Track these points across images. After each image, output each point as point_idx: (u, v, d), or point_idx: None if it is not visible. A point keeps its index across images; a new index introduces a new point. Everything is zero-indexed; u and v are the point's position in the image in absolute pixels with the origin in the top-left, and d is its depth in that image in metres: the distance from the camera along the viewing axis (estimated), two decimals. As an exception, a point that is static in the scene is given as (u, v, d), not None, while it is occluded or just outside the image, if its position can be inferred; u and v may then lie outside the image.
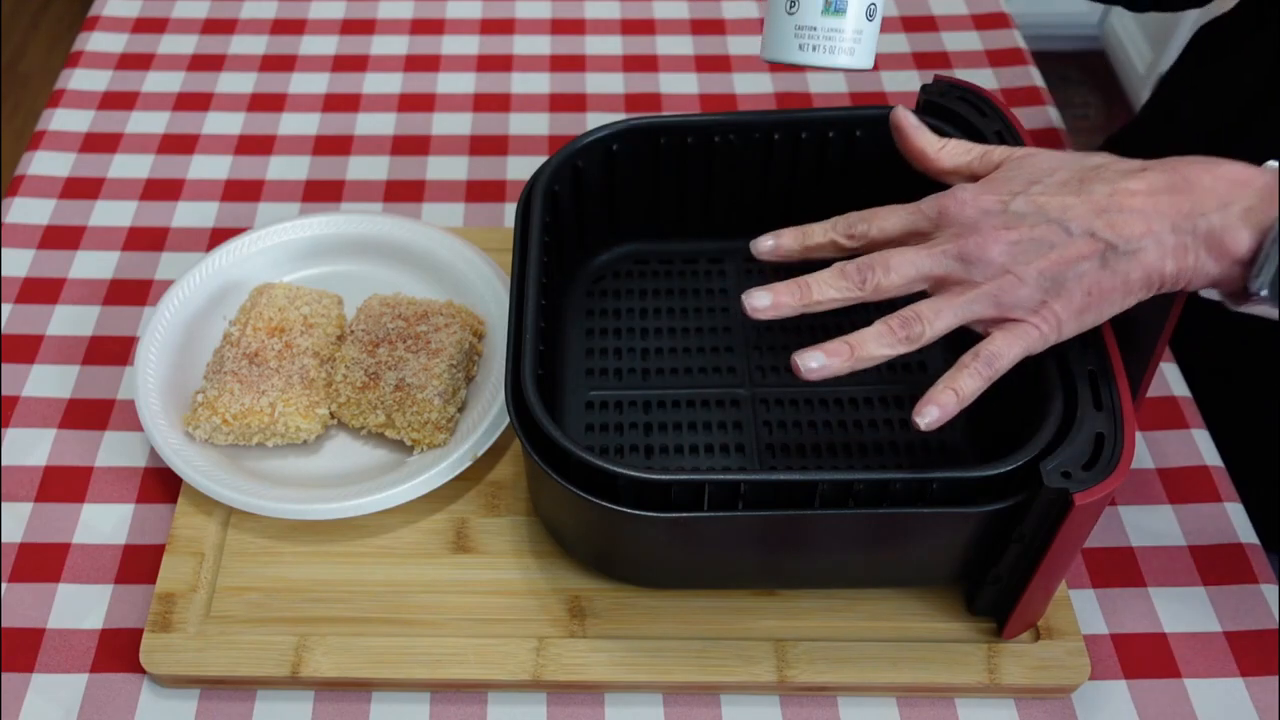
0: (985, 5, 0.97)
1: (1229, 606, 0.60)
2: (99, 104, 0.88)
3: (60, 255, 0.77)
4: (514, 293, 0.57)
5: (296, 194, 0.81)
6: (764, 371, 0.64)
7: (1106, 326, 0.52)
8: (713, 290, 0.68)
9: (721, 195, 0.67)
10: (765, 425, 0.62)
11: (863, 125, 0.64)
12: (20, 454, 0.66)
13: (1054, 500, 0.48)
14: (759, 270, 0.68)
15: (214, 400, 0.61)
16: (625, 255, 0.70)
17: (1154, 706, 0.56)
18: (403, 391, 0.61)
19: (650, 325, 0.67)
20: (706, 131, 0.64)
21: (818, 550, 0.55)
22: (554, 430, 0.51)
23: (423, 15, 0.96)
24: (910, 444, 0.61)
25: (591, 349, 0.66)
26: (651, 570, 0.58)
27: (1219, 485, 0.65)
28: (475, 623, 0.58)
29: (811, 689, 0.56)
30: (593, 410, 0.63)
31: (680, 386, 0.64)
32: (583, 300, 0.68)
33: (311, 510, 0.59)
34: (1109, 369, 0.51)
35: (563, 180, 0.63)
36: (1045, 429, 0.50)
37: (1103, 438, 0.49)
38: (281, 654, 0.56)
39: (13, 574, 0.61)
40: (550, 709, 0.56)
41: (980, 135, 0.60)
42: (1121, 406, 0.50)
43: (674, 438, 0.61)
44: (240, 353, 0.64)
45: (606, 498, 0.50)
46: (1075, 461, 0.48)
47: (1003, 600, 0.55)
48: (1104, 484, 0.47)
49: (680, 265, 0.69)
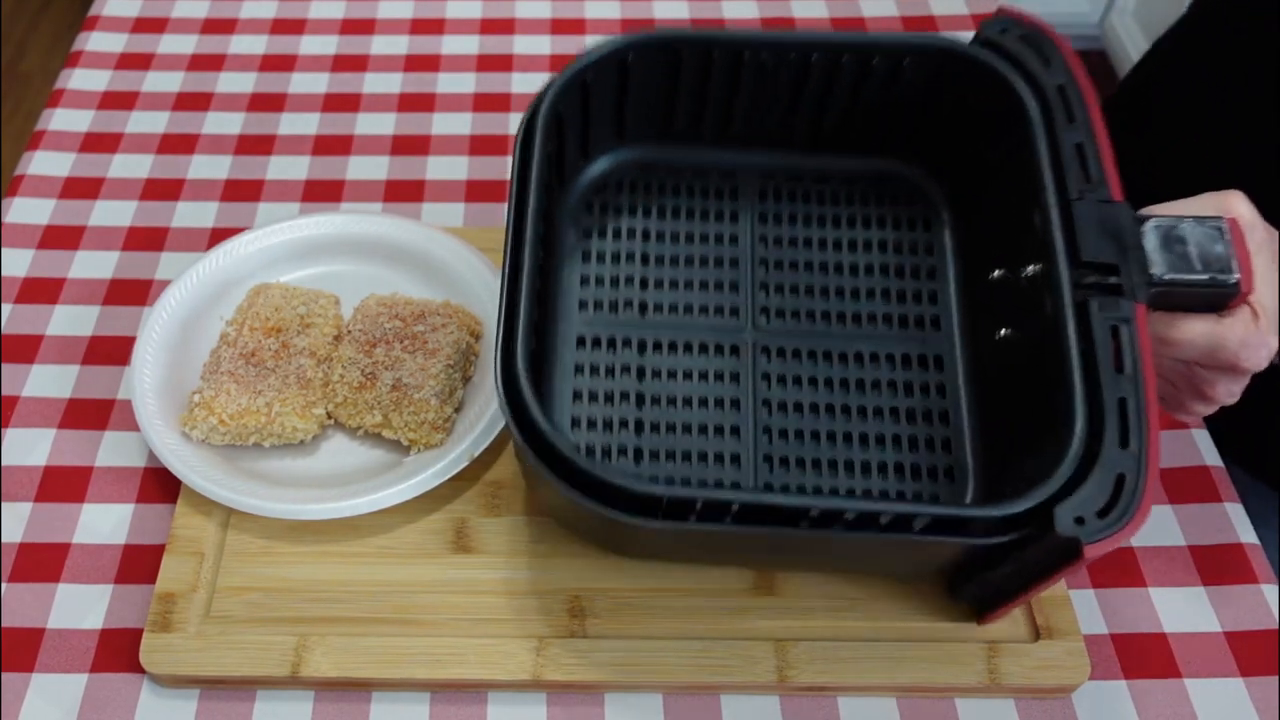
0: (985, 6, 0.97)
1: (1229, 606, 0.60)
2: (99, 104, 0.88)
3: (60, 255, 0.77)
4: (507, 258, 0.51)
5: (296, 194, 0.81)
6: (768, 315, 0.59)
7: (1147, 347, 0.48)
8: (722, 213, 0.62)
9: (744, 105, 0.60)
10: (764, 379, 0.58)
11: (912, 54, 0.57)
12: (20, 454, 0.66)
13: (1061, 546, 0.45)
14: (774, 190, 0.62)
15: (210, 400, 0.61)
16: (630, 163, 0.63)
17: (1154, 706, 0.56)
18: (399, 391, 0.61)
19: (651, 251, 0.61)
20: (734, 47, 0.57)
21: (808, 552, 0.55)
22: (544, 423, 0.47)
23: (423, 15, 0.96)
24: (912, 411, 0.57)
25: (587, 276, 0.60)
26: (646, 549, 0.56)
27: (1219, 485, 0.65)
28: (475, 623, 0.58)
29: (811, 689, 0.56)
30: (584, 348, 0.58)
31: (679, 327, 0.59)
32: (581, 214, 0.62)
33: (309, 510, 0.59)
34: (1141, 399, 0.47)
35: (570, 100, 0.57)
36: (1062, 470, 0.46)
37: (1123, 481, 0.45)
38: (281, 654, 0.56)
39: (13, 574, 0.61)
40: (550, 709, 0.56)
41: (1040, 90, 0.54)
42: (1148, 448, 0.46)
43: (668, 387, 0.57)
44: (237, 353, 0.64)
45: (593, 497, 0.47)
46: (1091, 506, 0.45)
47: (987, 599, 0.54)
48: (1118, 534, 0.44)
49: (690, 179, 0.63)
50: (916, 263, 0.61)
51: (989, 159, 0.58)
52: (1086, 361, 0.48)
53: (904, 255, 0.61)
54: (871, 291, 0.60)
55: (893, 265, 0.61)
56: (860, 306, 0.59)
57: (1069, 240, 0.50)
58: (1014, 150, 0.54)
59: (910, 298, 0.59)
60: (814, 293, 0.60)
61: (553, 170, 0.58)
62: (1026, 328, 0.54)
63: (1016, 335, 0.55)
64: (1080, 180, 0.52)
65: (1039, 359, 0.51)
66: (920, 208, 0.62)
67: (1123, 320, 0.49)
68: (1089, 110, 0.53)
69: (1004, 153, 0.56)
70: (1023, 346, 0.54)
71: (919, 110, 0.59)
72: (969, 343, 0.59)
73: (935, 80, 0.55)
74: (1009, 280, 0.56)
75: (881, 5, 0.96)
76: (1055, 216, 0.51)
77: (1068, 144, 0.52)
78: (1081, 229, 0.50)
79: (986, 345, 0.57)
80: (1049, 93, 0.54)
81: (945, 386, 0.58)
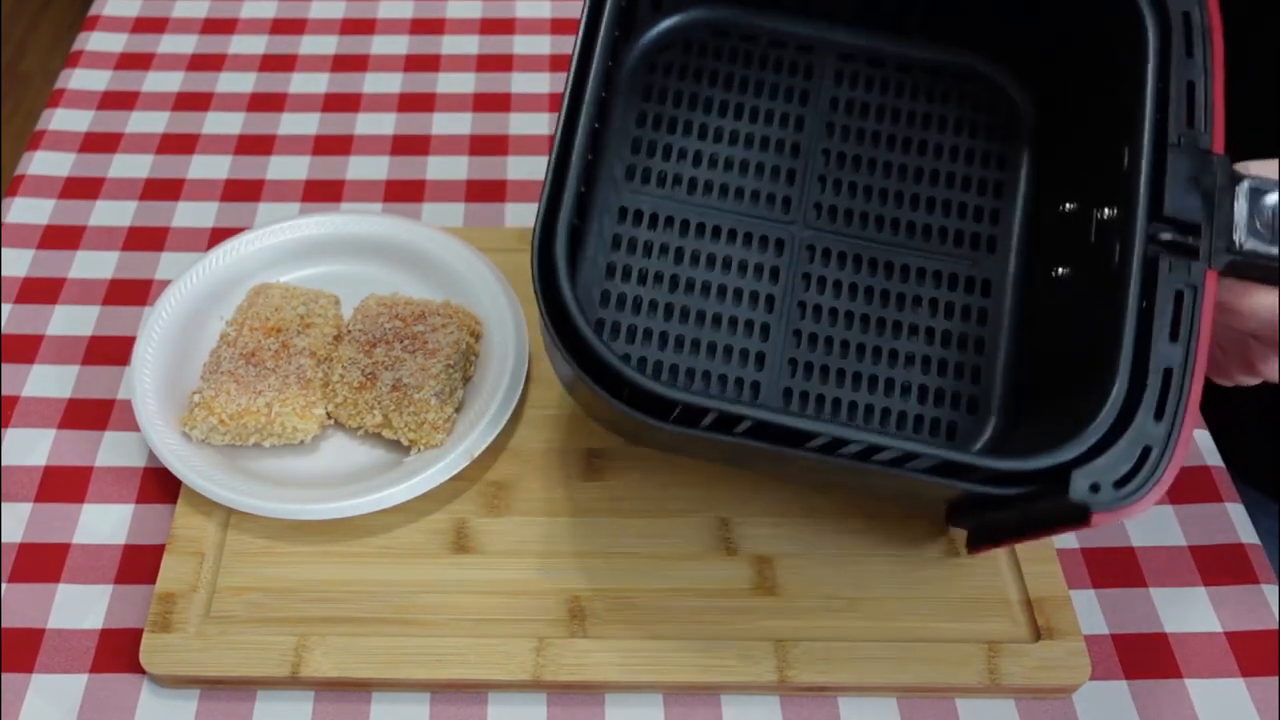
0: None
1: (1229, 606, 0.60)
2: (99, 104, 0.88)
3: (60, 255, 0.77)
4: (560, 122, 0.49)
5: (296, 194, 0.81)
6: (820, 211, 0.57)
7: (1210, 319, 0.45)
8: (792, 92, 0.59)
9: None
10: (804, 279, 0.55)
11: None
12: (20, 454, 0.66)
13: (1070, 509, 0.43)
14: (851, 75, 0.59)
15: (210, 400, 0.61)
16: (703, 22, 0.59)
17: (1154, 706, 0.56)
18: (400, 392, 0.61)
19: (711, 123, 0.58)
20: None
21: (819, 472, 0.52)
22: (572, 303, 0.46)
23: (423, 15, 0.96)
24: (949, 334, 0.54)
25: (639, 140, 0.57)
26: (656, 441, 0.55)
27: (1219, 485, 0.65)
28: (475, 623, 0.58)
29: (812, 689, 0.56)
30: (625, 221, 0.56)
31: (726, 210, 0.56)
32: (642, 73, 0.58)
33: (309, 510, 0.59)
34: (1189, 371, 0.44)
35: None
36: (1088, 434, 0.44)
37: (1148, 455, 0.43)
38: (281, 654, 0.56)
39: (13, 574, 0.61)
40: (550, 709, 0.56)
41: (1164, 13, 0.50)
42: (1182, 426, 0.44)
43: (704, 274, 0.55)
44: (237, 353, 0.64)
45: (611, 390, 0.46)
46: (1109, 474, 0.43)
47: (980, 536, 0.52)
48: (1129, 508, 0.43)
49: (764, 48, 0.59)
50: (985, 176, 0.58)
51: (1089, 75, 0.54)
52: (1142, 322, 0.45)
53: (974, 166, 0.58)
54: (933, 201, 0.57)
55: (960, 176, 0.58)
56: (918, 216, 0.57)
57: (1155, 188, 0.47)
58: (1119, 74, 0.50)
59: (972, 213, 0.57)
60: (873, 195, 0.57)
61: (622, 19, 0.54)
62: (1087, 271, 0.51)
63: (1074, 276, 0.52)
64: (1183, 123, 0.48)
65: (1092, 307, 0.48)
66: (1002, 116, 0.59)
67: (1190, 287, 0.46)
68: (1212, 47, 0.49)
69: (1107, 72, 0.52)
70: (1078, 289, 0.51)
71: (1025, 10, 0.55)
72: (1022, 273, 0.56)
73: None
74: (1080, 216, 0.53)
75: None
76: (1146, 160, 0.47)
77: (1179, 80, 0.48)
78: (1172, 179, 0.47)
79: (1041, 279, 0.55)
80: (1173, 17, 0.49)
81: (988, 313, 0.55)
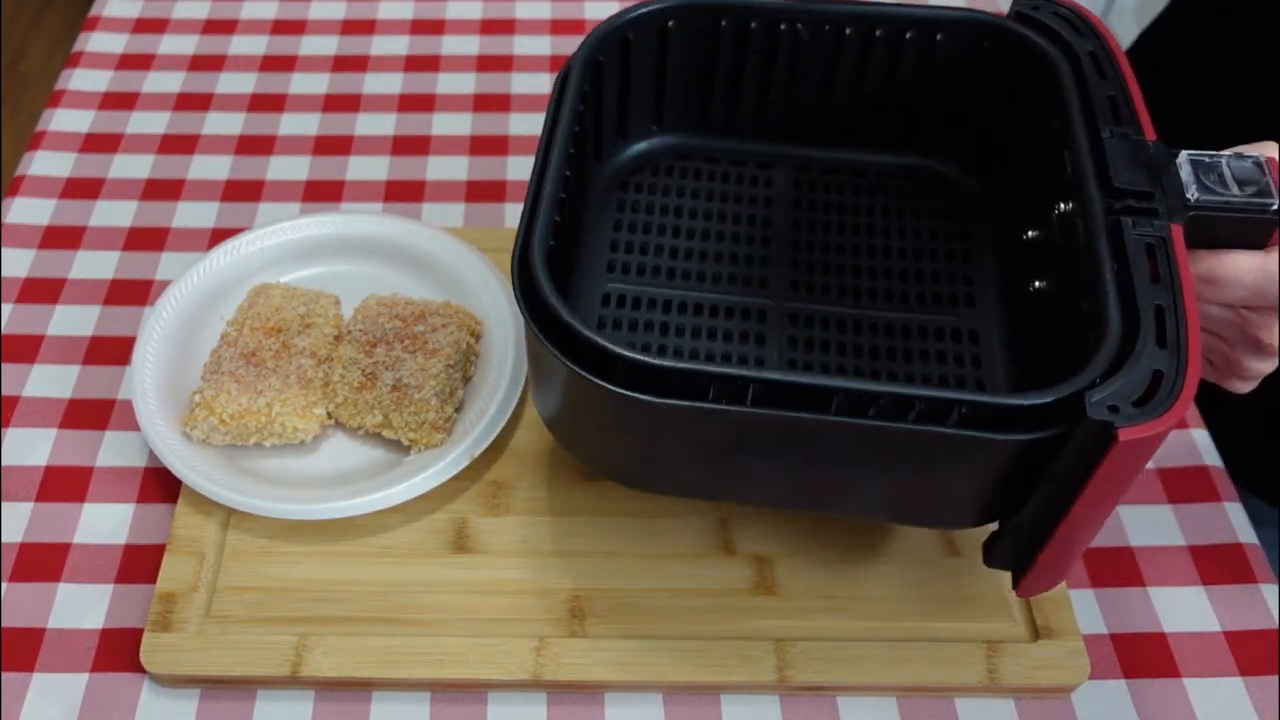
0: (984, 4, 0.97)
1: (1229, 606, 0.60)
2: (99, 104, 0.88)
3: (60, 255, 0.77)
4: (538, 157, 0.52)
5: (296, 194, 0.81)
6: (796, 287, 0.59)
7: (1185, 263, 0.46)
8: (757, 197, 0.63)
9: (780, 93, 0.62)
10: (790, 341, 0.57)
11: (946, 28, 0.58)
12: (20, 454, 0.66)
13: (1095, 435, 0.42)
14: (809, 182, 0.64)
15: (211, 400, 0.61)
16: (667, 148, 0.64)
17: (1154, 706, 0.56)
18: (400, 391, 0.61)
19: (684, 225, 0.61)
20: (772, 17, 0.59)
21: (826, 467, 0.50)
22: (556, 301, 0.46)
23: (423, 15, 0.96)
24: (945, 378, 0.56)
25: (616, 242, 0.60)
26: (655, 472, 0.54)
27: (1219, 485, 0.65)
28: (475, 623, 0.58)
29: (811, 689, 0.56)
30: (608, 305, 0.58)
31: (706, 290, 0.59)
32: (616, 191, 0.62)
33: (309, 510, 0.59)
34: (1180, 306, 0.45)
35: (609, 52, 0.58)
36: (1097, 361, 0.44)
37: (1161, 376, 0.43)
38: (281, 654, 0.56)
39: (13, 574, 0.61)
40: (550, 709, 0.56)
41: (1074, 55, 0.55)
42: (1188, 345, 0.44)
43: (691, 343, 0.57)
44: (237, 353, 0.64)
45: (601, 376, 0.46)
46: (1126, 397, 0.42)
47: (1022, 552, 0.50)
48: (1155, 422, 0.41)
49: (726, 166, 0.64)
50: (952, 248, 0.61)
51: (1021, 130, 0.58)
52: (1121, 273, 0.46)
53: (939, 240, 0.61)
54: (905, 273, 0.60)
55: (927, 250, 0.61)
56: (894, 285, 0.59)
57: (1100, 169, 0.50)
58: (1047, 112, 0.54)
59: (945, 278, 0.60)
60: (845, 271, 0.60)
61: (591, 140, 0.58)
62: (1061, 269, 0.53)
63: (1050, 280, 0.54)
64: (1111, 122, 0.51)
65: (1073, 289, 0.50)
66: (958, 200, 0.63)
67: (1158, 239, 0.47)
68: (1121, 69, 0.53)
69: (1039, 120, 0.56)
70: (1057, 287, 0.54)
71: (952, 91, 0.59)
72: (1005, 310, 0.58)
73: (969, 56, 0.55)
74: (1041, 235, 0.56)
75: None
76: (1085, 153, 0.50)
77: (1100, 95, 0.53)
78: (1114, 160, 0.50)
79: (1022, 300, 0.57)
80: (1082, 58, 0.54)
81: (981, 357, 0.57)
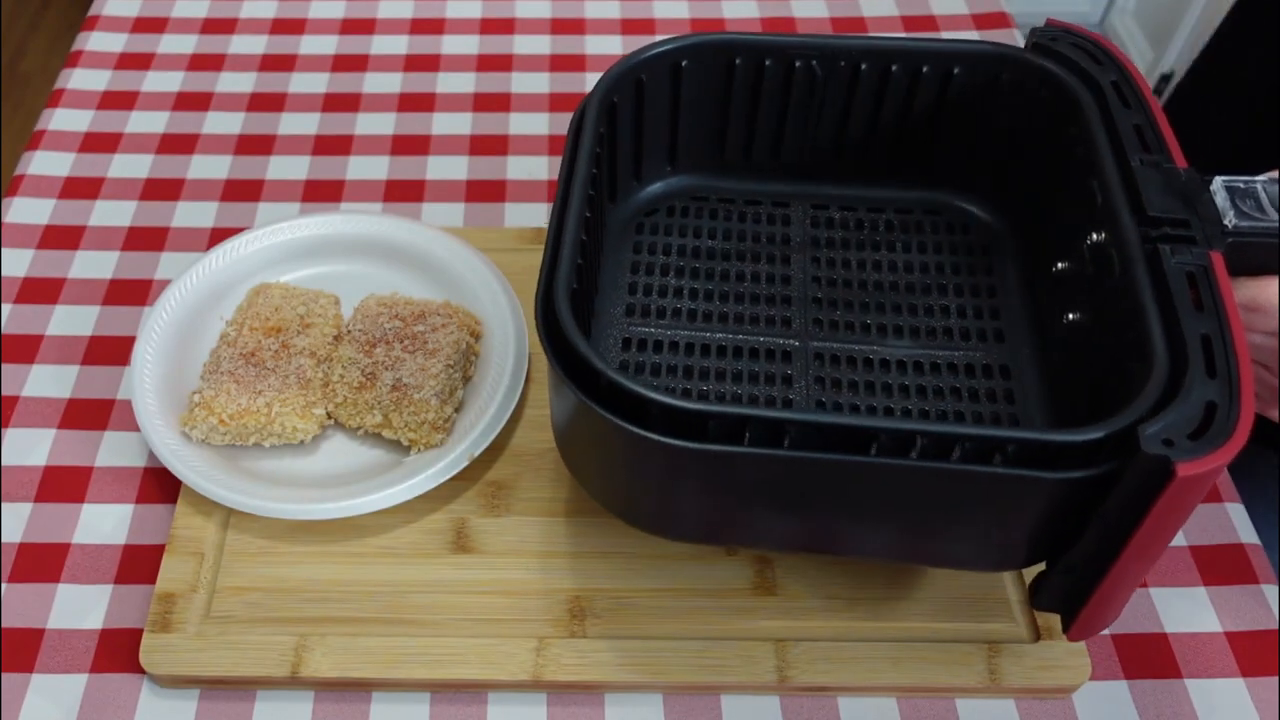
0: (985, 5, 0.97)
1: (1229, 606, 0.60)
2: (99, 104, 0.88)
3: (60, 255, 0.77)
4: (558, 198, 0.51)
5: (296, 194, 0.81)
6: (821, 325, 0.58)
7: (1228, 289, 0.45)
8: (774, 236, 0.62)
9: (795, 131, 0.61)
10: (818, 381, 0.55)
11: (962, 61, 0.57)
12: (20, 454, 0.66)
13: (1151, 471, 0.40)
14: (827, 219, 0.63)
15: (210, 400, 0.61)
16: (683, 189, 0.63)
17: (1154, 706, 0.56)
18: (400, 392, 0.61)
19: (702, 266, 0.60)
20: (786, 53, 0.58)
21: (867, 510, 0.48)
22: (582, 345, 0.45)
23: (423, 15, 0.96)
24: (979, 415, 0.54)
25: (635, 284, 0.59)
26: (673, 516, 0.52)
27: (1219, 485, 0.65)
28: (475, 623, 0.58)
29: (811, 689, 0.56)
30: (629, 348, 0.57)
31: (729, 331, 0.58)
32: (631, 233, 0.62)
33: (309, 510, 0.59)
34: (1228, 334, 0.44)
35: (623, 93, 0.57)
36: (1148, 393, 0.42)
37: (1215, 407, 0.42)
38: (281, 654, 0.56)
39: (13, 574, 0.61)
40: (550, 709, 0.56)
41: (1094, 83, 0.54)
42: (1240, 375, 0.43)
43: (716, 385, 0.56)
44: (237, 353, 0.64)
45: (635, 423, 0.44)
46: (1181, 430, 0.41)
47: (1074, 593, 0.47)
48: (1214, 455, 0.40)
49: (742, 206, 0.63)
50: (976, 282, 0.60)
51: (1044, 161, 0.57)
52: (1163, 302, 0.45)
53: (963, 275, 0.60)
54: (931, 309, 0.59)
55: (951, 285, 0.60)
56: (920, 321, 0.58)
57: (1133, 197, 0.49)
58: (1070, 142, 0.53)
59: (972, 313, 0.59)
60: (870, 308, 0.59)
61: (606, 182, 0.58)
62: (1096, 298, 0.51)
63: (1085, 311, 0.53)
64: (1140, 150, 0.51)
65: (1112, 321, 0.48)
66: (979, 234, 0.62)
67: (1199, 266, 0.46)
68: (1145, 97, 0.53)
69: (1061, 150, 0.55)
70: (1093, 319, 0.52)
71: (971, 124, 0.58)
72: (1037, 343, 0.57)
73: (988, 88, 0.54)
74: (1072, 267, 0.54)
75: (882, 5, 0.96)
76: (1115, 181, 0.49)
77: (1126, 125, 0.52)
78: (1146, 188, 0.49)
79: (1056, 331, 0.56)
80: (1104, 87, 0.53)
81: (1014, 392, 0.56)
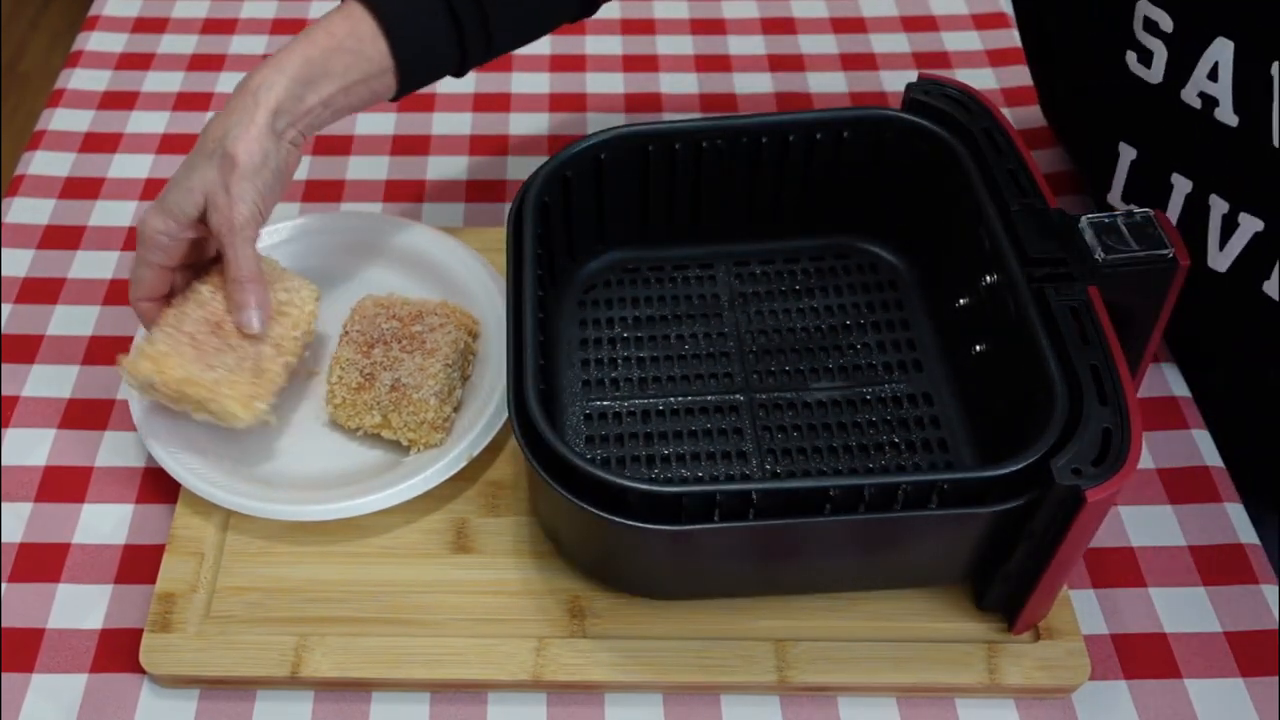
0: (985, 5, 0.97)
1: (1229, 606, 0.60)
2: (99, 104, 0.88)
3: (60, 255, 0.77)
4: (510, 306, 0.57)
5: (297, 194, 0.81)
6: (760, 376, 0.64)
7: (1106, 320, 0.53)
8: (704, 296, 0.68)
9: (710, 200, 0.67)
10: (765, 430, 0.62)
11: (849, 126, 0.64)
12: (20, 454, 0.66)
13: (1065, 498, 0.48)
14: (749, 274, 0.69)
15: (161, 356, 0.58)
16: (615, 263, 0.69)
17: (1154, 706, 0.56)
18: (398, 392, 0.61)
19: (645, 333, 0.66)
20: (693, 137, 0.64)
21: (828, 554, 0.55)
22: (560, 445, 0.51)
23: (423, 15, 0.96)
24: (911, 442, 0.61)
25: (587, 359, 0.65)
26: (653, 581, 0.58)
27: (1219, 485, 0.65)
28: (475, 623, 0.58)
29: (811, 689, 0.56)
30: (592, 422, 0.62)
31: (678, 394, 0.63)
32: (575, 310, 0.67)
33: (309, 510, 0.59)
34: (1111, 363, 0.51)
35: (553, 190, 0.63)
36: (1052, 426, 0.50)
37: (1110, 433, 0.49)
38: (281, 654, 0.56)
39: (13, 574, 0.61)
40: (550, 709, 0.56)
41: (967, 133, 0.61)
42: (1126, 401, 0.50)
43: (676, 446, 0.61)
44: (204, 316, 0.60)
45: (615, 511, 0.50)
46: (1085, 458, 0.48)
47: (1012, 597, 0.55)
48: (1114, 479, 0.47)
49: (671, 272, 0.69)
50: (890, 318, 0.66)
51: (934, 208, 0.64)
52: (1055, 340, 0.53)
53: (877, 312, 0.66)
54: (854, 347, 0.65)
55: (869, 323, 0.66)
56: (848, 360, 0.64)
57: (1015, 243, 0.56)
58: (954, 191, 0.61)
59: (890, 347, 0.65)
60: (801, 353, 0.65)
61: (546, 271, 0.64)
62: (997, 334, 0.58)
63: (990, 346, 0.60)
64: (1016, 195, 0.58)
65: (1014, 355, 0.55)
66: (885, 272, 0.68)
67: (1079, 301, 0.54)
68: (1013, 141, 0.60)
69: (947, 199, 0.62)
70: (998, 351, 0.59)
71: (865, 179, 0.65)
72: (951, 372, 0.63)
73: (874, 147, 0.62)
74: (972, 303, 0.62)
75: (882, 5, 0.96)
76: (999, 228, 0.57)
77: (1001, 170, 0.59)
78: (1025, 232, 0.56)
79: (966, 363, 0.62)
80: (976, 136, 0.61)
81: (939, 418, 0.62)
